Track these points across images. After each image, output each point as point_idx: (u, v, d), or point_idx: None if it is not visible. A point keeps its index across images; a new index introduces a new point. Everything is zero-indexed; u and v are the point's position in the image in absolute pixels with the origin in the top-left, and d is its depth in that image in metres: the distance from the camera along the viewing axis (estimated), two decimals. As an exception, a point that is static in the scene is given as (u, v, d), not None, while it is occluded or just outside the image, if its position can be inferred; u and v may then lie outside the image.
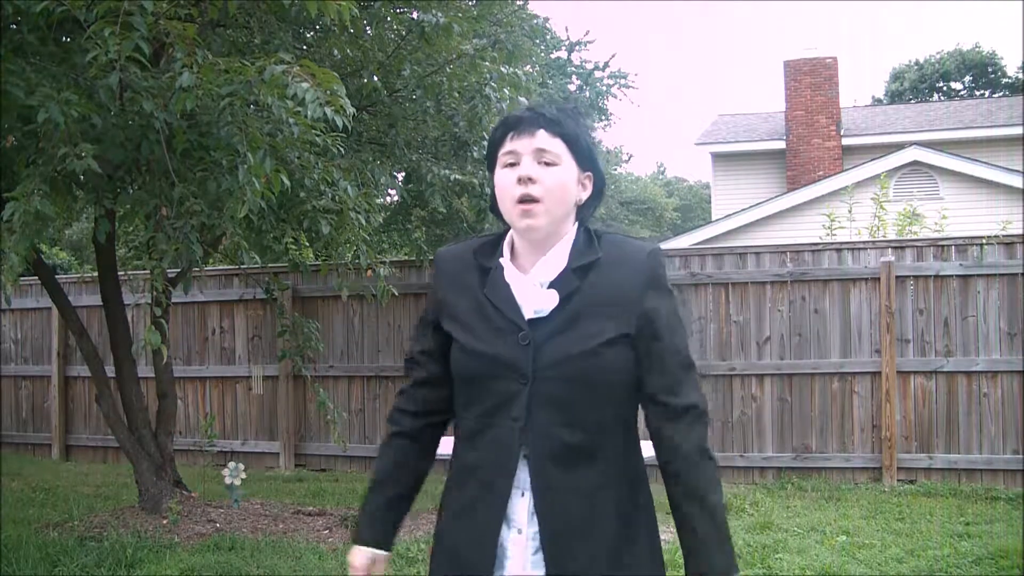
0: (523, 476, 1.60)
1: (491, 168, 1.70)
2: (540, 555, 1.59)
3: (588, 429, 1.60)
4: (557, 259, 1.65)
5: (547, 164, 1.62)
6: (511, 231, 1.70)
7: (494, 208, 1.71)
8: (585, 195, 1.69)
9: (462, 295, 1.68)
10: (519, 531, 1.61)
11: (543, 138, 1.62)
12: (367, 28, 5.93)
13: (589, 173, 1.69)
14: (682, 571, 1.61)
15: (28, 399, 9.76)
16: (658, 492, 1.65)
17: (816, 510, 6.05)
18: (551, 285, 1.62)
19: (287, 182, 4.24)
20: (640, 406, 1.67)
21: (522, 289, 1.64)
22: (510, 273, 1.66)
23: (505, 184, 1.63)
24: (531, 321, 1.61)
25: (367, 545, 1.79)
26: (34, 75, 4.17)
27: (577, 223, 1.69)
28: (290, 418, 8.44)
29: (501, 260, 1.67)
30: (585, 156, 1.66)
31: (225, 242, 6.12)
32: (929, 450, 6.90)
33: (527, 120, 1.65)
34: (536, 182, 1.60)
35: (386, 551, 1.81)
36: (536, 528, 1.59)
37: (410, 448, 1.82)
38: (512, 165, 1.63)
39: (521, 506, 1.61)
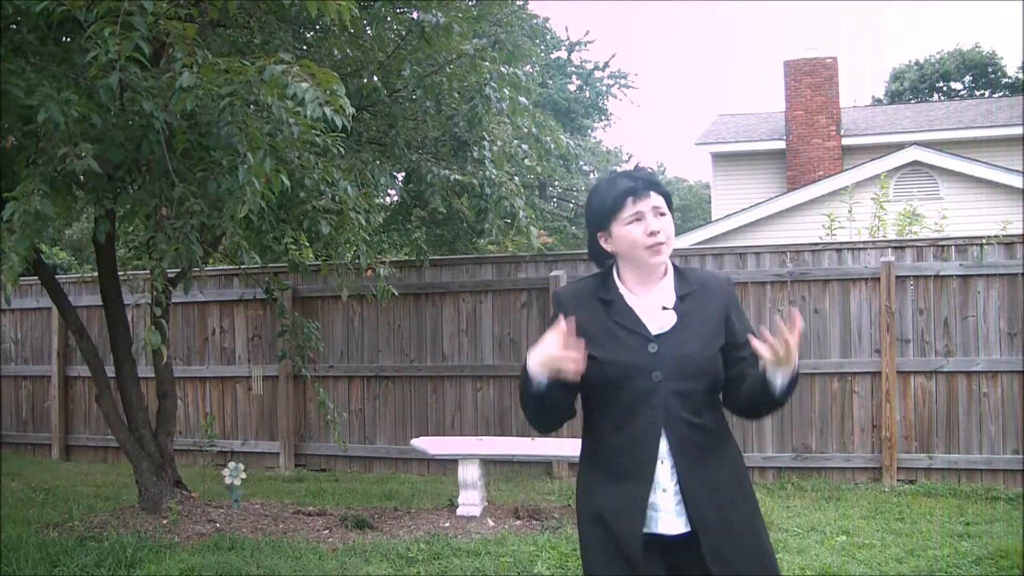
0: (663, 449, 2.12)
1: (605, 224, 2.21)
2: (681, 506, 2.11)
3: (702, 412, 2.15)
4: (667, 288, 2.22)
5: (661, 215, 2.18)
6: (616, 269, 2.25)
7: (595, 254, 2.29)
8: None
9: (593, 323, 2.17)
10: (664, 490, 2.13)
11: (655, 198, 2.18)
12: (367, 28, 5.93)
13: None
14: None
15: (28, 399, 9.77)
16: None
17: (816, 510, 6.05)
18: (668, 308, 2.18)
19: (287, 182, 4.24)
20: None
21: (645, 312, 2.19)
22: (631, 300, 2.21)
23: (637, 237, 2.17)
24: (658, 336, 2.15)
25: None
26: (34, 75, 4.17)
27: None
28: (290, 418, 8.44)
29: (620, 291, 2.22)
30: (671, 205, 2.25)
31: (225, 242, 6.11)
32: (929, 450, 6.90)
33: (642, 186, 2.19)
34: (661, 231, 2.16)
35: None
36: (677, 486, 2.12)
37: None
38: (637, 221, 2.16)
39: (663, 472, 2.13)
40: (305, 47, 6.09)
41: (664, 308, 2.19)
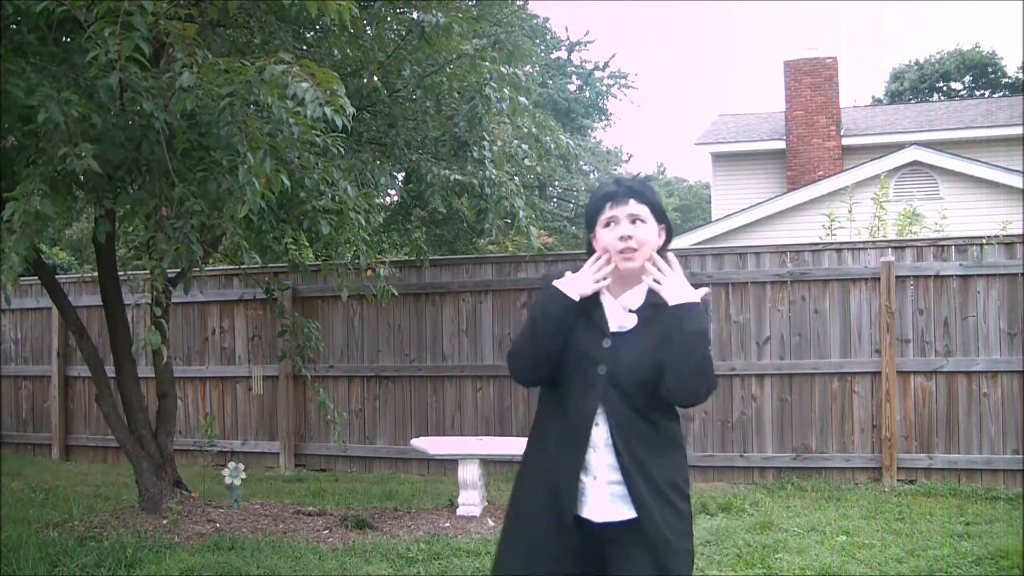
0: (597, 437, 2.23)
1: (591, 225, 2.36)
2: (612, 496, 2.21)
3: (646, 413, 2.24)
4: (638, 293, 2.32)
5: (638, 222, 2.28)
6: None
7: (589, 254, 2.38)
8: (661, 240, 2.35)
9: (581, 316, 2.32)
10: (594, 477, 2.24)
11: (634, 205, 2.29)
12: (367, 28, 5.93)
13: (663, 226, 2.35)
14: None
15: (28, 399, 9.77)
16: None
17: (816, 510, 6.05)
18: (631, 310, 2.30)
19: (287, 182, 4.24)
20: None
21: (612, 311, 2.32)
22: (605, 299, 2.34)
23: (609, 240, 2.29)
24: (614, 333, 2.28)
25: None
26: (34, 75, 4.17)
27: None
28: (290, 418, 8.44)
29: (601, 295, 2.34)
30: (660, 215, 2.34)
31: (225, 242, 6.11)
32: (929, 450, 6.90)
33: (621, 192, 2.30)
34: (632, 237, 2.27)
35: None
36: (614, 476, 2.21)
37: None
38: (611, 225, 2.29)
39: (597, 460, 2.23)
40: (305, 47, 6.09)
41: (629, 311, 2.29)
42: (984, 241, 6.89)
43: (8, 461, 8.78)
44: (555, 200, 27.30)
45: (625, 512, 2.20)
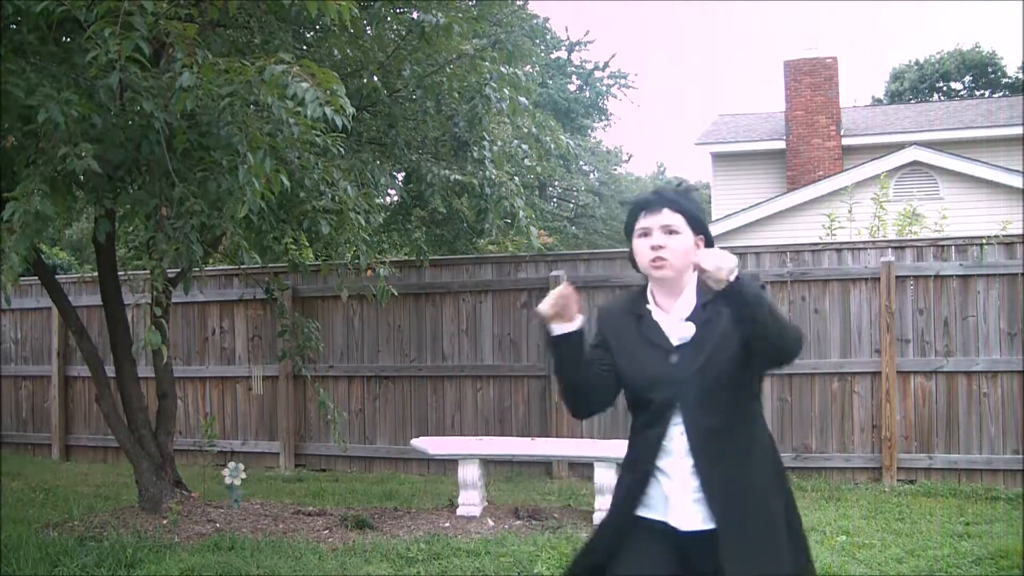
0: (682, 448, 2.24)
1: (628, 235, 2.38)
2: (700, 504, 2.22)
3: (726, 414, 2.25)
4: (688, 299, 2.33)
5: (671, 233, 2.27)
6: (649, 283, 2.38)
7: (634, 265, 2.40)
8: (699, 250, 2.31)
9: (624, 337, 2.37)
10: (681, 483, 2.24)
11: (668, 215, 2.28)
12: (367, 28, 5.93)
13: (702, 236, 2.33)
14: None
15: (28, 399, 9.77)
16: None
17: (816, 510, 6.05)
18: (688, 319, 2.30)
19: (287, 182, 4.24)
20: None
21: (668, 324, 2.32)
22: (657, 314, 2.35)
23: (641, 251, 2.32)
24: (678, 346, 2.28)
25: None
26: (34, 75, 4.17)
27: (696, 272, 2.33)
28: (290, 418, 8.44)
29: (648, 306, 2.36)
30: (697, 225, 2.32)
31: (225, 242, 6.11)
32: (929, 450, 6.90)
33: (655, 201, 2.31)
34: (665, 248, 2.27)
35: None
36: (696, 483, 2.22)
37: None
38: (645, 236, 2.30)
39: (680, 467, 2.25)
40: (305, 47, 6.09)
41: (685, 320, 2.30)
42: (984, 241, 6.89)
43: (8, 461, 8.78)
44: (555, 200, 27.30)
45: (707, 522, 2.22)
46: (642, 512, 2.29)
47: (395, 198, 7.90)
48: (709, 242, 2.36)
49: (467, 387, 8.01)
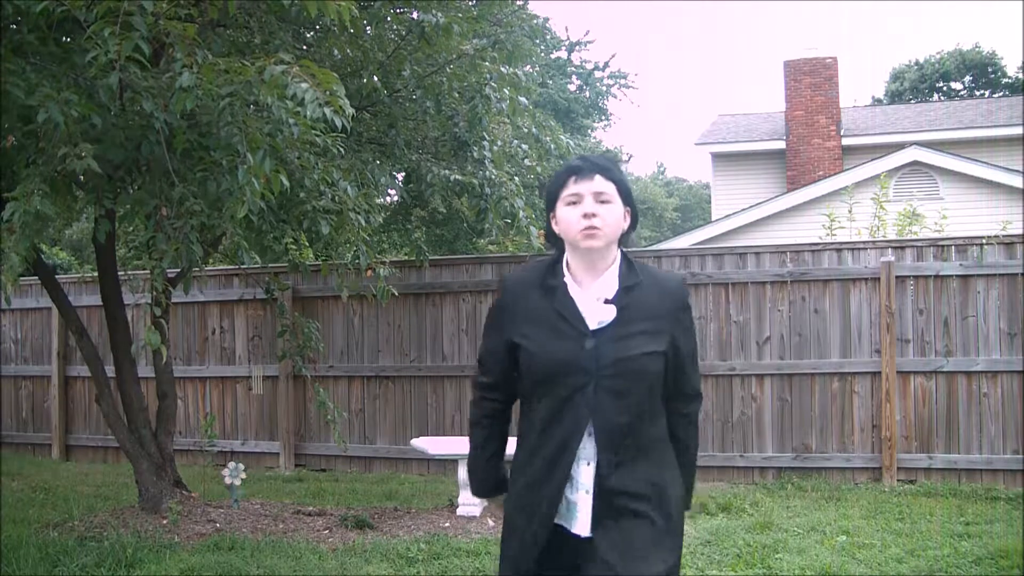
0: (588, 449, 2.09)
1: (551, 205, 2.17)
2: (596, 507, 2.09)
3: (634, 412, 2.09)
4: (610, 279, 2.12)
5: (603, 202, 2.10)
6: (565, 256, 2.17)
7: (549, 237, 2.22)
8: (626, 225, 2.17)
9: (532, 310, 2.14)
10: (587, 491, 2.10)
11: (600, 182, 2.11)
12: (367, 28, 5.93)
13: (628, 208, 2.17)
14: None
15: (28, 399, 9.77)
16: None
17: (816, 510, 6.05)
18: (609, 301, 2.10)
19: (287, 182, 4.24)
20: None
21: (585, 303, 2.11)
22: (573, 290, 2.12)
23: (571, 219, 2.10)
24: (595, 331, 2.07)
25: (492, 496, 2.36)
26: (34, 75, 4.17)
27: (620, 249, 2.17)
28: (290, 418, 8.44)
29: (564, 279, 2.14)
30: (626, 196, 2.16)
31: (225, 242, 6.12)
32: (929, 450, 6.90)
33: (587, 168, 2.12)
34: (597, 216, 2.08)
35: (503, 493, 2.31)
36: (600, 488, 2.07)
37: (498, 423, 2.37)
38: (575, 203, 2.10)
39: (587, 473, 2.10)
40: (305, 47, 6.09)
41: (605, 301, 2.10)
42: (984, 241, 6.89)
43: (8, 461, 8.78)
44: (555, 200, 27.26)
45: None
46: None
47: (395, 198, 7.90)
48: (635, 215, 2.21)
49: (467, 387, 8.00)
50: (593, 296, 2.11)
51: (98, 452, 9.30)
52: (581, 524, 2.10)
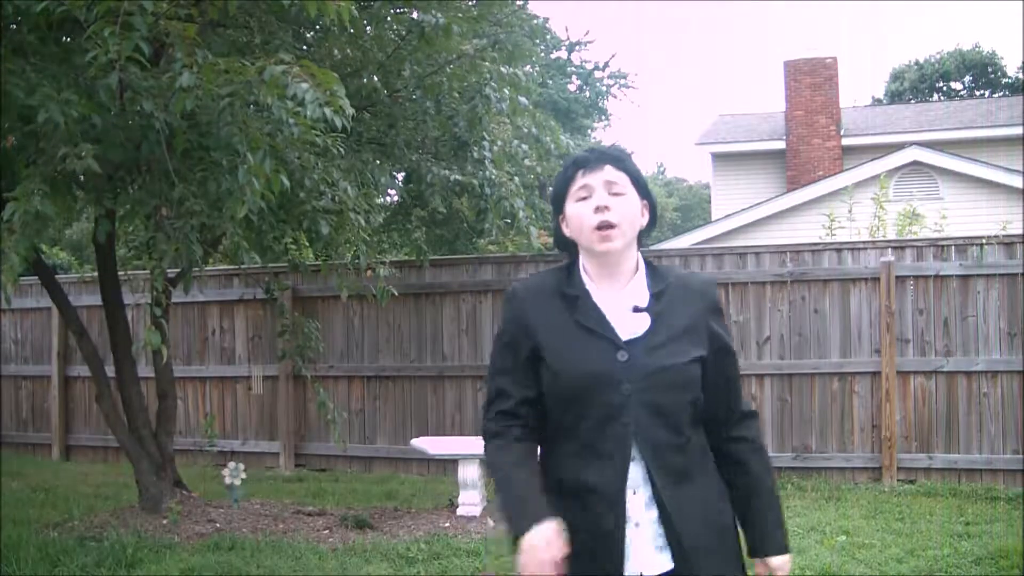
0: (635, 476, 1.81)
1: (559, 205, 1.92)
2: (662, 539, 1.81)
3: (682, 430, 1.84)
4: (639, 285, 1.89)
5: (616, 194, 1.85)
6: (580, 260, 1.92)
7: (559, 242, 1.96)
8: (644, 221, 1.92)
9: (550, 322, 1.87)
10: (636, 524, 1.81)
11: (611, 172, 1.86)
12: (367, 28, 5.93)
13: (646, 202, 1.93)
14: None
15: (28, 399, 9.76)
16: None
17: (816, 510, 6.05)
18: (640, 309, 1.86)
19: (287, 182, 4.24)
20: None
21: (613, 313, 1.85)
22: (598, 298, 1.87)
23: (582, 214, 1.85)
24: (628, 341, 1.83)
25: (543, 520, 1.77)
26: (34, 75, 4.18)
27: (639, 251, 1.93)
28: (290, 418, 8.44)
29: (587, 287, 1.88)
30: (643, 188, 1.91)
31: (225, 242, 6.11)
32: (929, 450, 6.90)
33: (595, 158, 1.89)
34: (611, 209, 1.83)
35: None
36: (653, 516, 1.81)
37: (525, 448, 1.92)
38: (585, 198, 1.86)
39: (636, 503, 1.81)
40: (305, 47, 6.09)
41: (636, 309, 1.85)
42: (984, 241, 6.88)
43: (8, 461, 8.78)
44: (555, 200, 27.25)
45: (669, 562, 1.82)
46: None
47: (395, 198, 7.90)
48: (654, 209, 1.95)
49: (467, 387, 8.01)
50: (622, 305, 1.86)
51: (98, 452, 9.30)
52: (643, 561, 1.80)
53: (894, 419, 6.88)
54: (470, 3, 6.95)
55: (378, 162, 6.21)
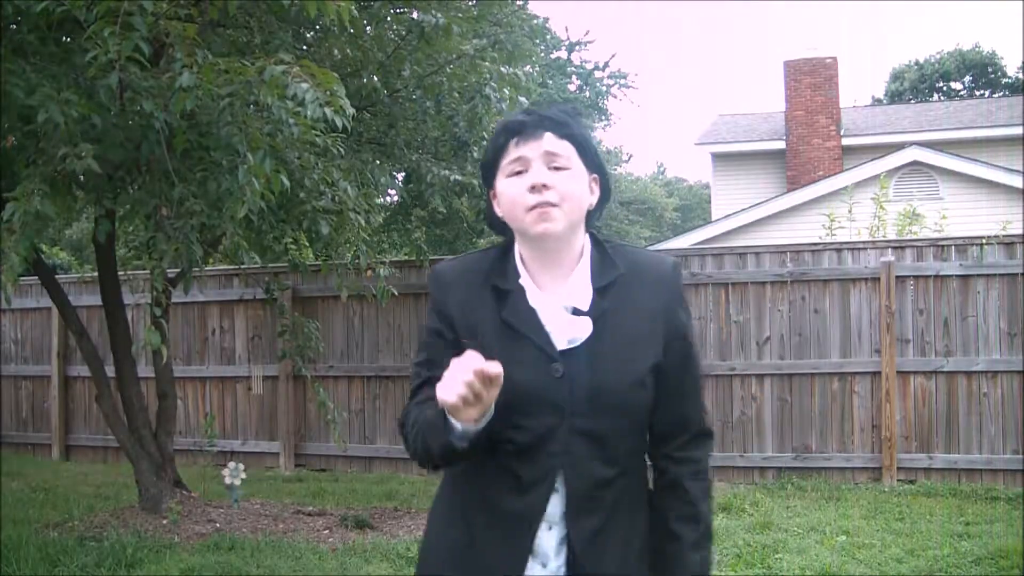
0: (552, 510, 1.55)
1: (490, 179, 1.60)
2: None
3: (620, 461, 1.56)
4: (581, 279, 1.57)
5: (558, 168, 1.54)
6: (516, 246, 1.61)
7: (492, 223, 1.65)
8: (594, 199, 1.62)
9: (478, 319, 1.57)
10: (543, 565, 1.56)
11: (551, 141, 1.54)
12: (367, 28, 5.93)
13: (596, 175, 1.62)
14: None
15: (28, 399, 9.76)
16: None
17: (816, 510, 6.05)
18: (581, 311, 1.55)
19: (287, 182, 4.24)
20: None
21: (550, 315, 1.55)
22: (534, 296, 1.56)
23: (515, 193, 1.54)
24: (565, 352, 1.52)
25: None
26: (34, 75, 4.17)
27: (588, 233, 1.63)
28: (290, 418, 8.44)
29: (521, 281, 1.57)
30: (592, 158, 1.60)
31: (225, 242, 6.11)
32: (929, 450, 6.90)
33: (531, 123, 1.56)
34: (551, 188, 1.52)
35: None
36: (562, 561, 1.55)
37: None
38: (520, 173, 1.54)
39: (548, 540, 1.56)
40: (305, 47, 6.09)
41: (575, 312, 1.55)
42: (984, 241, 6.89)
43: (8, 461, 8.78)
44: (555, 200, 27.22)
45: None
46: None
47: (395, 198, 7.89)
48: (606, 185, 1.64)
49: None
50: (562, 303, 1.55)
51: (98, 452, 9.30)
52: None
53: (894, 419, 6.88)
54: (470, 3, 6.95)
55: (378, 162, 6.21)
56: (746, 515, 5.89)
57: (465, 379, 1.35)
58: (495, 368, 1.36)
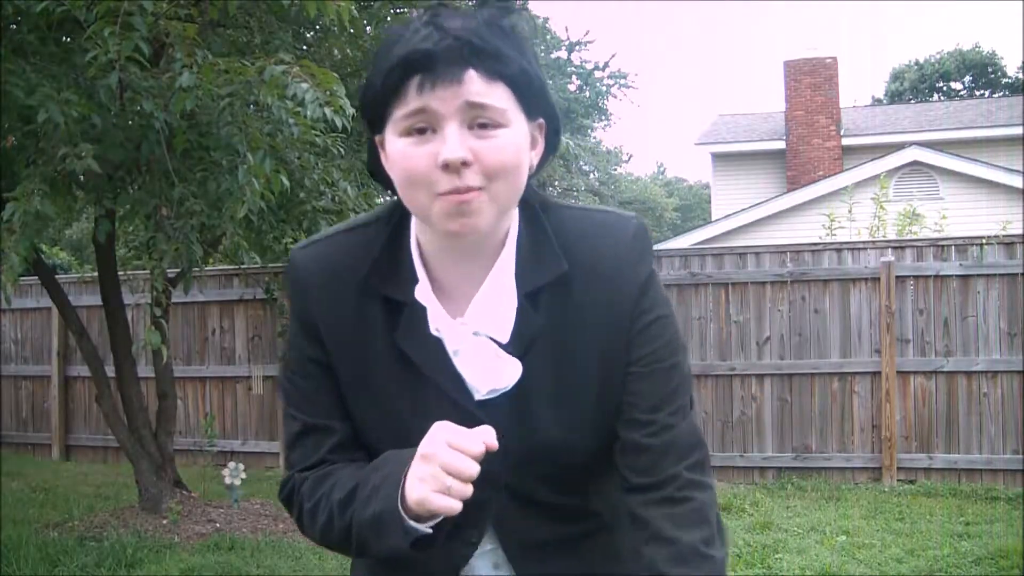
0: (482, 564, 1.13)
1: (379, 120, 1.02)
2: None
3: (572, 518, 1.13)
4: (503, 280, 1.04)
5: (486, 127, 0.97)
6: (412, 225, 1.09)
7: (376, 174, 1.12)
8: (536, 154, 1.06)
9: (351, 337, 1.07)
10: None
11: (477, 85, 0.96)
12: (367, 28, 5.93)
13: (541, 120, 1.07)
14: None
15: (28, 399, 9.76)
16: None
17: (816, 510, 6.05)
18: (502, 342, 1.04)
19: (287, 182, 4.24)
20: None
21: (463, 347, 1.04)
22: (437, 318, 1.04)
23: (416, 168, 0.97)
24: (486, 403, 1.04)
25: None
26: (34, 75, 4.17)
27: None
28: (290, 418, 8.43)
29: (418, 294, 1.05)
30: (537, 98, 1.04)
31: (225, 242, 6.11)
32: (929, 450, 6.90)
33: (444, 55, 0.95)
34: (473, 164, 0.96)
35: None
36: None
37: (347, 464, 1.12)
38: (423, 132, 0.97)
39: (482, 566, 1.14)
40: (305, 47, 6.09)
41: (502, 344, 1.04)
42: (984, 241, 6.88)
43: (8, 461, 8.78)
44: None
45: None
46: None
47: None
48: (555, 126, 1.10)
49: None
50: (468, 329, 1.05)
51: (98, 452, 9.29)
52: None
53: (894, 419, 6.88)
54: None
55: (378, 162, 6.20)
56: (746, 515, 5.89)
57: (470, 473, 0.94)
58: (493, 442, 0.96)
